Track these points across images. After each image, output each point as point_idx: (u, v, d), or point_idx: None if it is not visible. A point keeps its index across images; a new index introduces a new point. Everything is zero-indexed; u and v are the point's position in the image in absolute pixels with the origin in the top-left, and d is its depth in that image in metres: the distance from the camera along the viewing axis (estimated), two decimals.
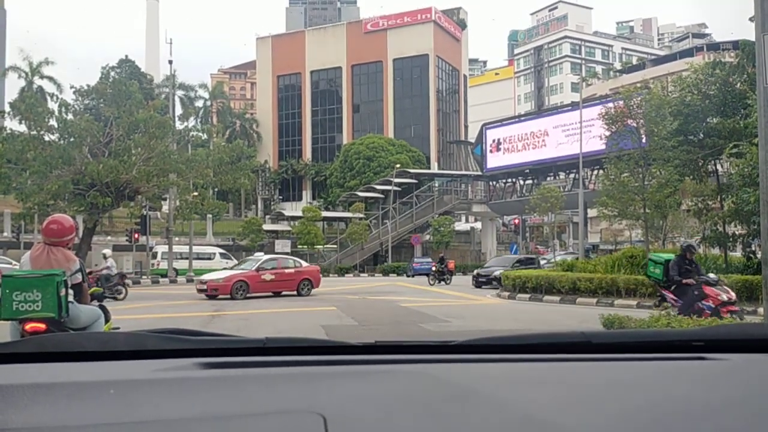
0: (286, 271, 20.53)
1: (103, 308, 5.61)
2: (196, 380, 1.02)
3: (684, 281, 10.29)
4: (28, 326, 4.67)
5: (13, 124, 27.84)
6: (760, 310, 11.37)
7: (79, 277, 5.06)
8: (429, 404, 0.92)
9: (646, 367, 1.15)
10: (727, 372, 1.13)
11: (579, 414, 0.90)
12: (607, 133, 19.69)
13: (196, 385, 1.00)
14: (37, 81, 53.05)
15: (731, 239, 17.56)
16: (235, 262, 40.32)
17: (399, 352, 1.19)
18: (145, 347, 1.16)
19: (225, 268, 24.52)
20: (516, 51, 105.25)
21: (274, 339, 1.24)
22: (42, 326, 4.67)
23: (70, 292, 4.87)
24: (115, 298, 17.29)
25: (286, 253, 33.76)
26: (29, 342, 1.53)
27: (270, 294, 19.93)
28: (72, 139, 26.28)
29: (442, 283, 28.91)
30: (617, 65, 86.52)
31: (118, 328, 6.20)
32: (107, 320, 5.59)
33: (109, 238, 42.63)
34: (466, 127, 70.30)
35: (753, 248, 17.32)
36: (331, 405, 0.90)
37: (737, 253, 19.17)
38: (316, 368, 1.07)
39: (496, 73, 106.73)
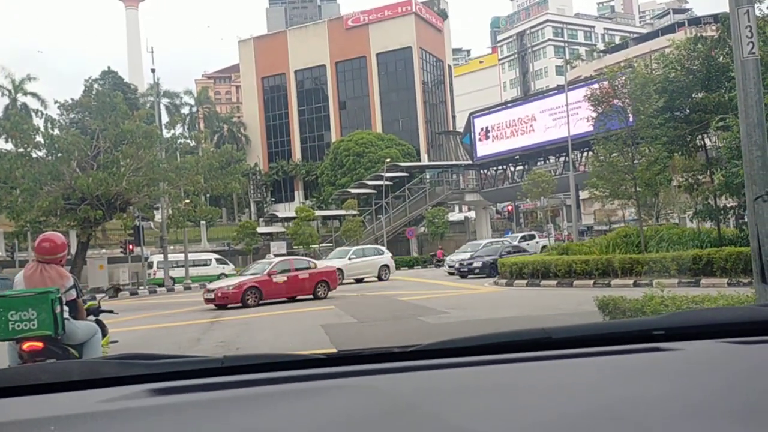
0: (300, 274, 18.98)
1: (99, 323, 5.60)
2: (142, 410, 0.96)
3: None
4: (26, 345, 4.65)
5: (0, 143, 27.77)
6: None
7: (73, 294, 5.05)
8: (373, 419, 0.90)
9: (602, 361, 1.13)
10: (679, 362, 1.11)
11: (526, 417, 0.88)
12: (594, 115, 19.71)
13: (142, 414, 0.94)
14: (21, 98, 52.56)
15: (723, 212, 17.64)
16: (232, 266, 40.41)
17: (358, 363, 1.17)
18: (99, 375, 1.12)
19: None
20: (499, 38, 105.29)
21: (231, 357, 1.20)
22: (39, 345, 4.65)
23: (66, 308, 4.85)
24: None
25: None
26: None
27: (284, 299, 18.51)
28: (60, 155, 26.13)
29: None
30: (600, 46, 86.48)
31: (116, 342, 6.19)
32: (104, 334, 5.58)
33: (103, 251, 42.50)
34: (453, 117, 70.27)
35: (746, 220, 17.40)
36: (282, 427, 0.88)
37: (730, 226, 19.28)
38: (271, 387, 1.04)
39: (480, 61, 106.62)
